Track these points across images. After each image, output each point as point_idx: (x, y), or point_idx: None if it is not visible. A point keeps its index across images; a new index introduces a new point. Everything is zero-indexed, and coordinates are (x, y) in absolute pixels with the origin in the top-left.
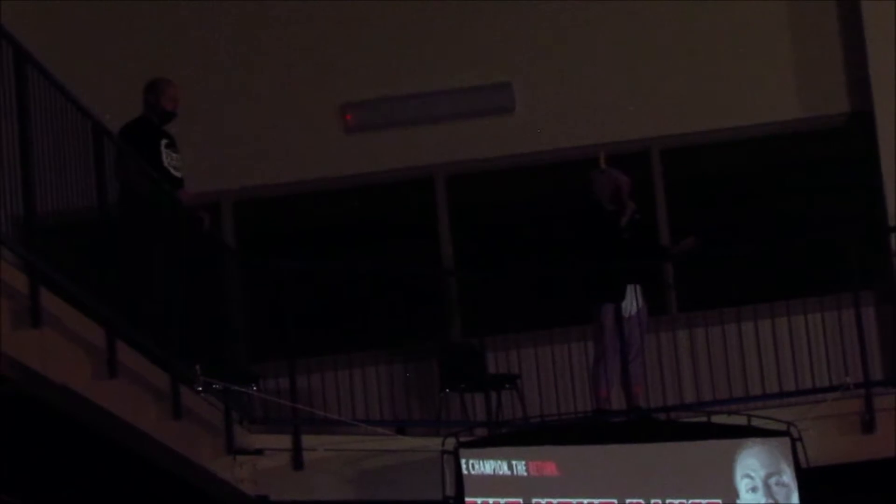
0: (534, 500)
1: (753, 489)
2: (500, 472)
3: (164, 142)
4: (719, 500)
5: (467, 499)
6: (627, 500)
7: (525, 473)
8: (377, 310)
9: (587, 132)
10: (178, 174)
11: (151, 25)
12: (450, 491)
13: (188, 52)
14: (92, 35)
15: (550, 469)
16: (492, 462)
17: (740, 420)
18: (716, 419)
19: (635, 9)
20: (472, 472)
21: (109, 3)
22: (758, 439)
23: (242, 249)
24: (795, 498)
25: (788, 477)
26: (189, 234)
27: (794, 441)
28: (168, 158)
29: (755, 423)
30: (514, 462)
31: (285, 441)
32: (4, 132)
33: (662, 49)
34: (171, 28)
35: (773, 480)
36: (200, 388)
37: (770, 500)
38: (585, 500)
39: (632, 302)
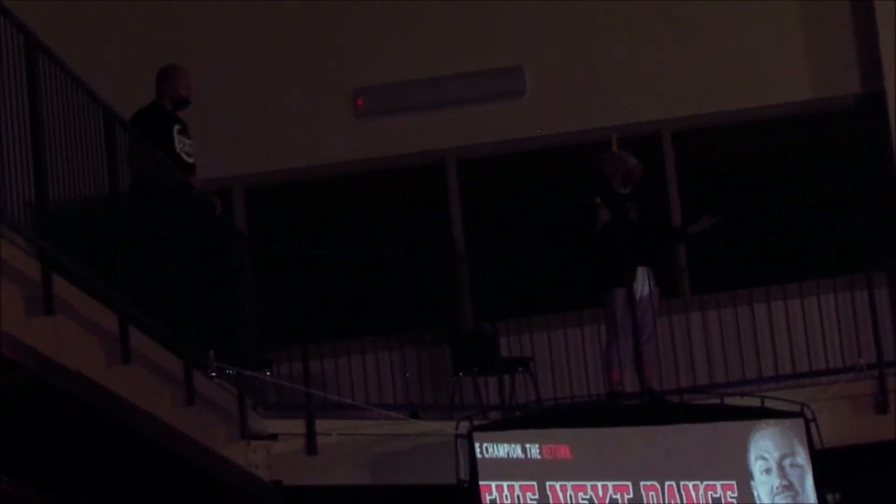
0: (547, 484)
1: (767, 470)
2: (514, 456)
3: (176, 127)
4: (733, 482)
5: (481, 482)
6: (641, 483)
7: (539, 457)
8: (389, 294)
9: (598, 115)
10: (190, 160)
11: (160, 10)
12: (464, 475)
13: (198, 38)
14: (100, 21)
15: (564, 452)
16: (505, 445)
17: (754, 402)
18: (729, 401)
19: None
20: (486, 456)
21: None
22: (771, 421)
23: (254, 235)
24: (809, 479)
25: (802, 458)
26: (201, 220)
27: (807, 422)
28: (180, 144)
29: (769, 404)
30: (527, 445)
31: (299, 426)
32: (16, 120)
33: (674, 31)
34: (180, 13)
35: (787, 462)
36: (214, 374)
37: (784, 482)
38: (599, 483)
39: (643, 284)
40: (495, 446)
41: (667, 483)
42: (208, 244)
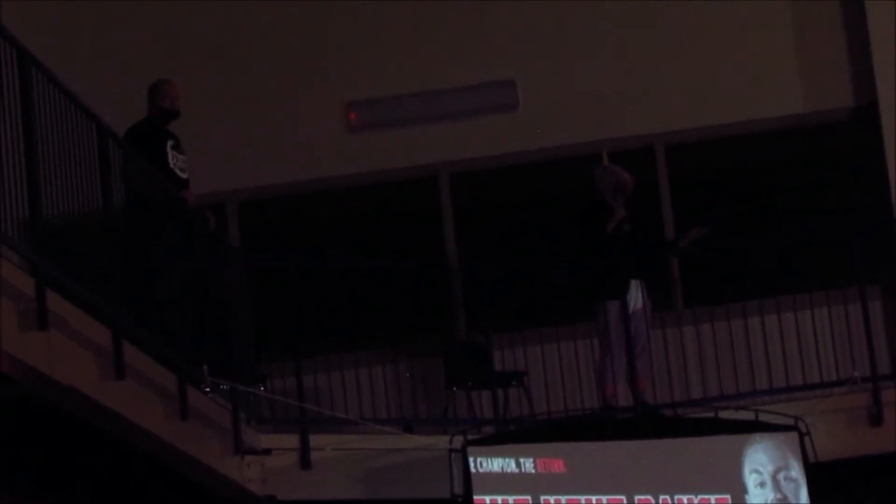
0: (542, 498)
1: (762, 484)
2: (508, 470)
3: (169, 143)
4: (728, 496)
5: (475, 497)
6: (635, 497)
7: (533, 470)
8: (383, 308)
9: (591, 129)
10: (183, 175)
11: (153, 24)
12: (458, 489)
13: (192, 52)
14: (94, 35)
15: (558, 466)
16: (499, 459)
17: (748, 415)
18: (723, 414)
19: (639, 5)
20: (480, 470)
21: (111, 3)
22: (765, 434)
23: (248, 249)
24: (804, 492)
25: (796, 471)
26: (195, 234)
27: (801, 435)
28: (174, 160)
29: (763, 418)
30: (521, 459)
31: (293, 441)
32: (9, 135)
33: (666, 45)
34: (173, 27)
35: (781, 475)
36: (208, 389)
37: (778, 495)
38: (594, 497)
39: (636, 297)
40: (489, 460)
41: (661, 497)
42: (202, 259)
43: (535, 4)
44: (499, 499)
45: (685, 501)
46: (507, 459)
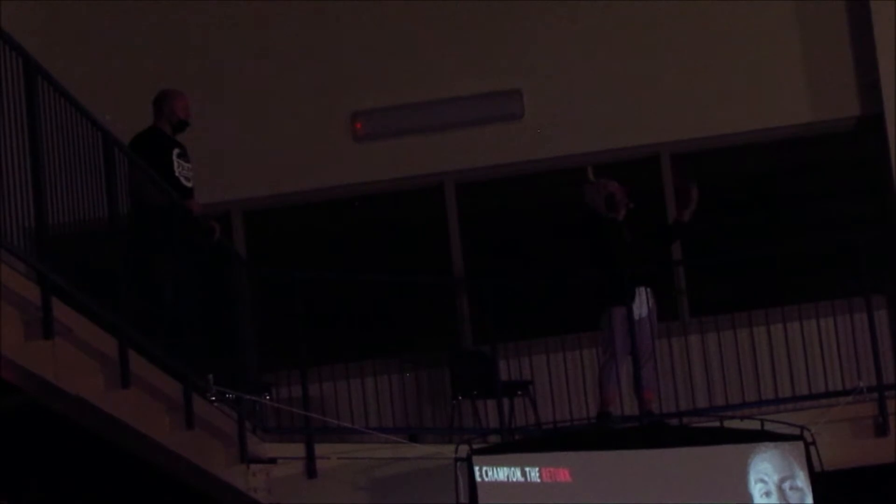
0: None
1: (767, 493)
2: (514, 479)
3: (175, 151)
4: None
5: None
6: None
7: (538, 480)
8: (388, 318)
9: (597, 138)
10: (188, 184)
11: (159, 34)
12: (463, 498)
13: (197, 61)
14: (99, 43)
15: (563, 475)
16: (505, 469)
17: (753, 425)
18: (729, 424)
19: (645, 15)
20: (486, 479)
21: (117, 11)
22: (771, 444)
23: (253, 259)
24: (809, 502)
25: (802, 481)
26: (200, 243)
27: (807, 445)
28: (179, 168)
29: (768, 427)
30: (527, 469)
31: (298, 450)
32: (15, 143)
33: (672, 54)
34: (178, 37)
35: (786, 485)
36: (213, 398)
37: None
38: None
39: (642, 304)
40: (495, 470)
41: None
42: (207, 268)
43: (541, 14)
44: None
45: None
46: (512, 469)
